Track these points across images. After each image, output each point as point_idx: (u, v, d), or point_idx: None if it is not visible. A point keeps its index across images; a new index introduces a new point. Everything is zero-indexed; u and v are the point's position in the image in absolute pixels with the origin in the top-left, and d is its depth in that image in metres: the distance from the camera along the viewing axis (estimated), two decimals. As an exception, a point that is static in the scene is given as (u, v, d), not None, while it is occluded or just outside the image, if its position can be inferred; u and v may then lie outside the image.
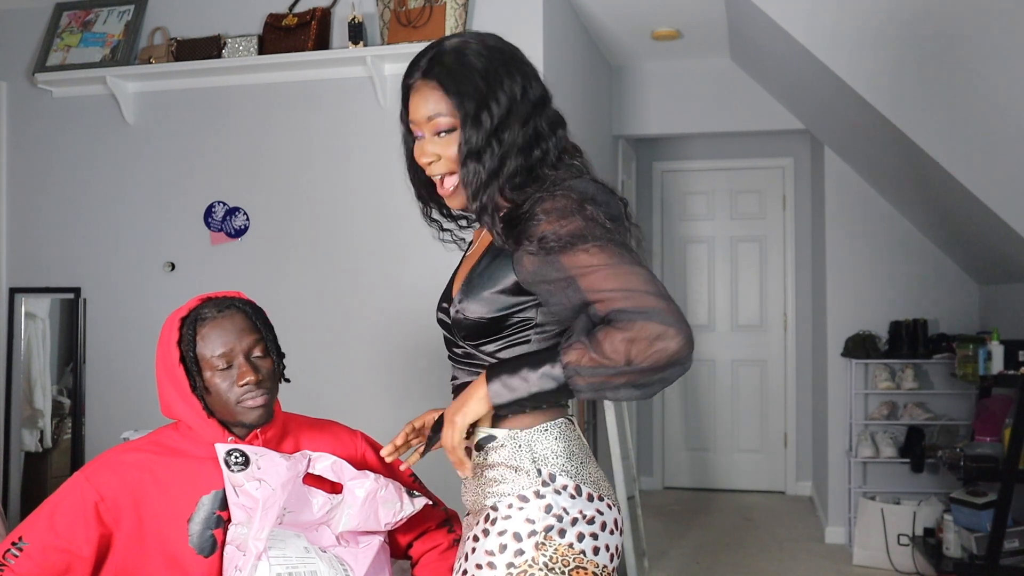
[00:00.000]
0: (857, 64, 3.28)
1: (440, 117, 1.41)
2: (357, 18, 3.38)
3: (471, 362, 1.47)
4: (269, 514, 1.64)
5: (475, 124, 1.39)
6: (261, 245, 3.59)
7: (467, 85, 1.39)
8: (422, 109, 1.43)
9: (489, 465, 1.42)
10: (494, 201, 1.40)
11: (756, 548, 4.72)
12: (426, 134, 1.44)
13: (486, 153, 1.40)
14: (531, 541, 1.34)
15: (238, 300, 1.72)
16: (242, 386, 1.63)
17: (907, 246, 4.70)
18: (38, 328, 3.83)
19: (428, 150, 1.44)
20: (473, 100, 1.39)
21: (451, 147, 1.42)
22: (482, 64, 1.42)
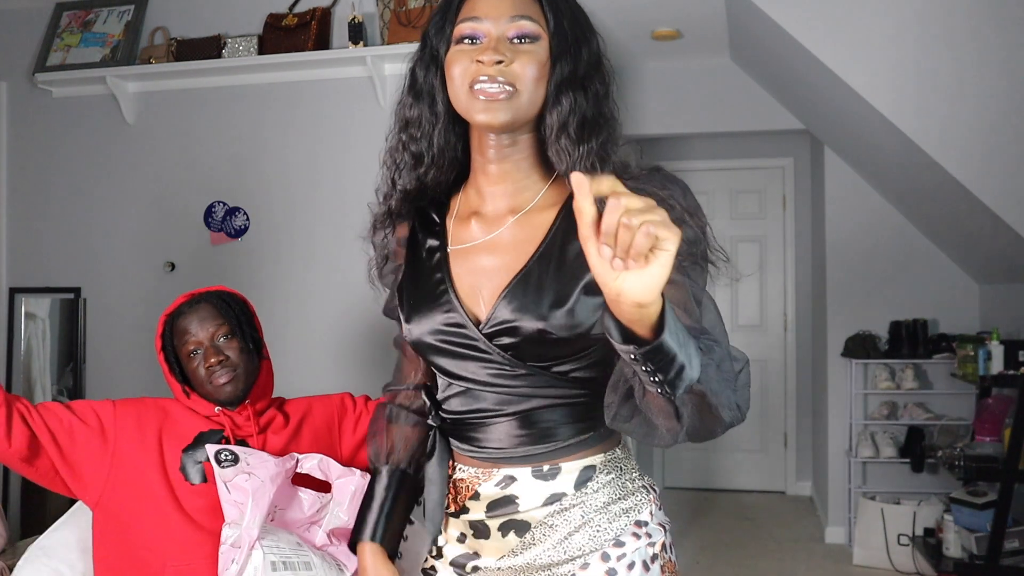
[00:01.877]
0: (857, 64, 3.27)
1: (528, 20, 1.16)
2: (357, 18, 3.38)
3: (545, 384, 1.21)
4: (260, 504, 1.70)
5: (576, 51, 1.18)
6: (261, 245, 3.59)
7: (566, 9, 1.19)
8: (503, 3, 1.16)
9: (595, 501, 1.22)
10: (600, 148, 1.17)
11: (756, 548, 4.72)
12: (493, 35, 1.16)
13: (590, 89, 1.18)
14: (656, 566, 1.21)
15: (213, 293, 1.94)
16: (208, 367, 1.86)
17: (907, 246, 4.69)
18: (38, 328, 3.83)
19: (500, 48, 1.14)
20: (571, 25, 1.19)
21: (530, 60, 1.15)
22: (579, 5, 1.23)
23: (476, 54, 1.15)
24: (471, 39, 1.17)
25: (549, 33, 1.17)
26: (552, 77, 1.16)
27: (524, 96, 1.15)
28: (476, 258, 1.24)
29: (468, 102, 1.16)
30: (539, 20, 1.17)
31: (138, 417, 1.86)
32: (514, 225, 1.22)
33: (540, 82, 1.16)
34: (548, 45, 1.17)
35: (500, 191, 1.24)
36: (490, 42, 1.15)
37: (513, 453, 1.21)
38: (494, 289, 1.20)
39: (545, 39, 1.16)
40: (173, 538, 1.78)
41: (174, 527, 1.79)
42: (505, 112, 1.14)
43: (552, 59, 1.16)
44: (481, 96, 1.14)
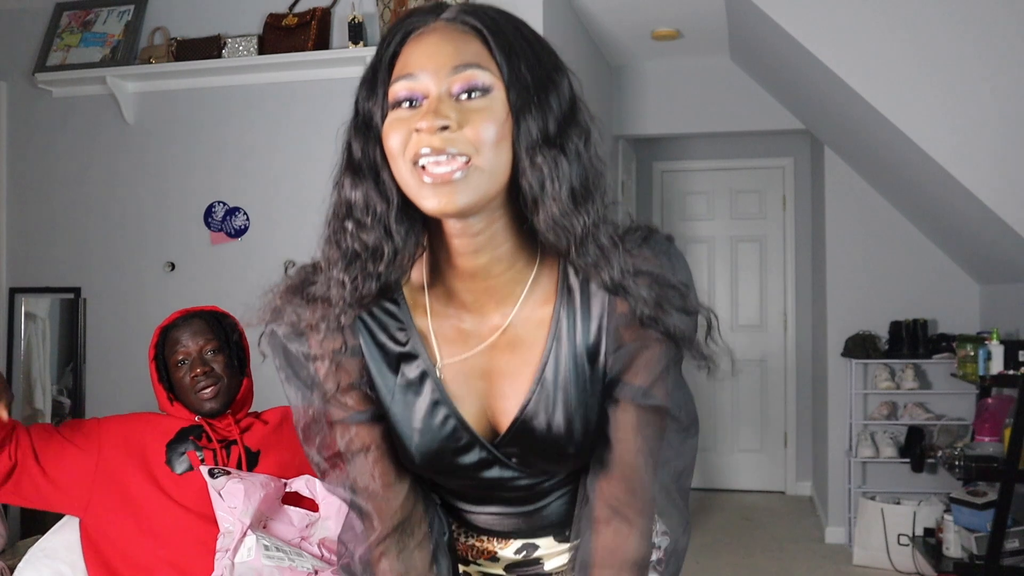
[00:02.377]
0: (857, 64, 3.27)
1: (476, 68, 0.92)
2: (357, 18, 3.38)
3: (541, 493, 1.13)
4: (252, 498, 1.77)
5: (542, 99, 0.95)
6: (261, 245, 3.58)
7: (521, 45, 0.96)
8: (441, 52, 0.93)
9: None
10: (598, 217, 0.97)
11: (756, 548, 4.72)
12: (433, 94, 0.92)
13: (569, 145, 0.96)
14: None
15: (207, 311, 2.07)
16: (193, 377, 1.97)
17: (907, 246, 4.70)
18: (38, 328, 3.83)
19: (442, 110, 0.91)
20: (532, 70, 0.95)
21: (484, 117, 0.92)
22: (536, 38, 0.99)
23: (415, 120, 0.92)
24: (408, 101, 0.94)
25: (504, 81, 0.93)
26: (519, 136, 0.93)
27: (484, 166, 0.91)
28: (473, 371, 1.05)
29: (414, 184, 0.93)
30: (489, 66, 0.93)
31: (122, 425, 1.98)
32: (512, 330, 1.04)
33: (502, 144, 0.92)
34: (505, 96, 0.93)
35: (480, 287, 1.02)
36: (430, 103, 0.92)
37: (530, 529, 1.16)
38: (507, 412, 1.05)
39: (500, 89, 0.93)
40: (163, 526, 1.86)
41: (163, 516, 1.87)
42: (463, 194, 0.91)
43: (513, 113, 0.93)
44: (427, 177, 0.91)
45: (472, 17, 0.96)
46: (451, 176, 0.90)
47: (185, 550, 1.83)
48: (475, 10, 0.97)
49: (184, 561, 1.82)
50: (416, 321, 1.05)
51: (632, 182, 5.69)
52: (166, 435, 1.96)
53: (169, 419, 2.00)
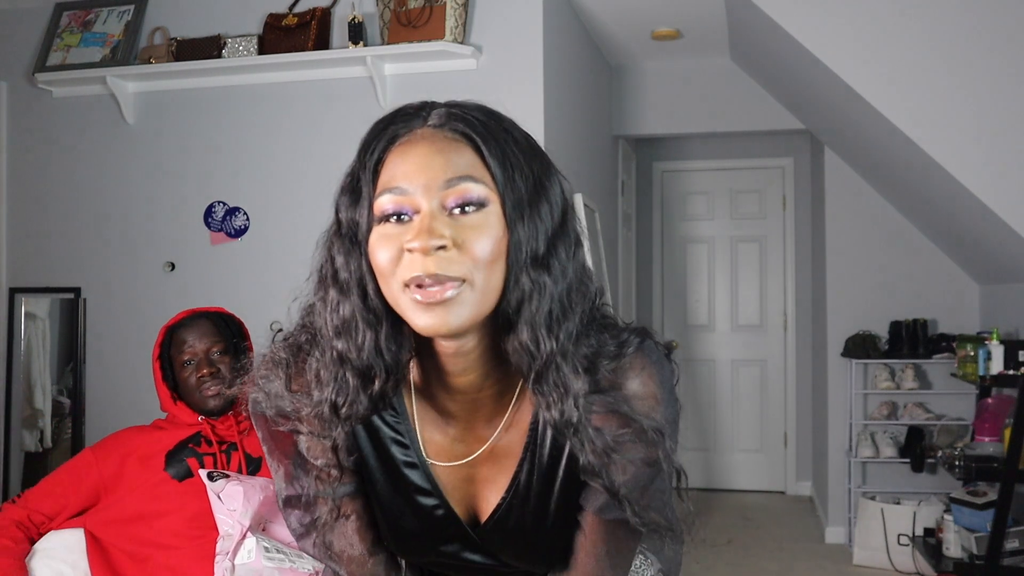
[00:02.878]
0: (857, 63, 3.27)
1: (470, 181, 0.87)
2: (357, 18, 3.38)
3: None
4: (251, 500, 1.78)
5: (534, 212, 0.90)
6: (261, 245, 3.58)
7: (515, 156, 0.91)
8: (432, 163, 0.87)
9: None
10: (573, 338, 0.92)
11: (756, 548, 4.72)
12: (424, 209, 0.87)
13: (554, 261, 0.91)
14: None
15: (213, 312, 2.09)
16: (199, 377, 1.99)
17: (907, 246, 4.70)
18: (38, 328, 3.83)
19: (436, 229, 0.85)
20: (524, 179, 0.90)
21: (480, 234, 0.87)
22: (527, 139, 0.95)
23: (405, 237, 0.86)
24: (397, 216, 0.88)
25: (499, 193, 0.88)
26: (509, 251, 0.88)
27: (479, 286, 0.87)
28: (458, 479, 1.05)
29: (405, 304, 0.88)
30: (483, 178, 0.88)
31: (117, 449, 1.98)
32: (499, 440, 1.03)
33: (498, 262, 0.88)
34: (500, 210, 0.88)
35: (469, 400, 1.00)
36: (423, 221, 0.86)
37: None
38: (485, 513, 1.06)
39: (495, 202, 0.88)
40: (165, 533, 1.87)
41: (165, 523, 1.88)
42: (456, 314, 0.86)
43: (508, 227, 0.88)
44: (418, 295, 0.86)
45: (461, 123, 0.90)
46: (442, 296, 0.85)
47: (187, 555, 1.83)
48: (464, 115, 0.91)
49: (185, 565, 1.83)
50: (408, 409, 1.03)
51: (632, 182, 5.69)
52: (165, 444, 1.97)
53: (168, 430, 2.01)
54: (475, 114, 0.92)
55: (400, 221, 0.88)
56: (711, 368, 6.08)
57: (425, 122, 0.91)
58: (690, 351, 6.04)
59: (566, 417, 0.92)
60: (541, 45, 3.37)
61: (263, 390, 1.00)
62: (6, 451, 3.78)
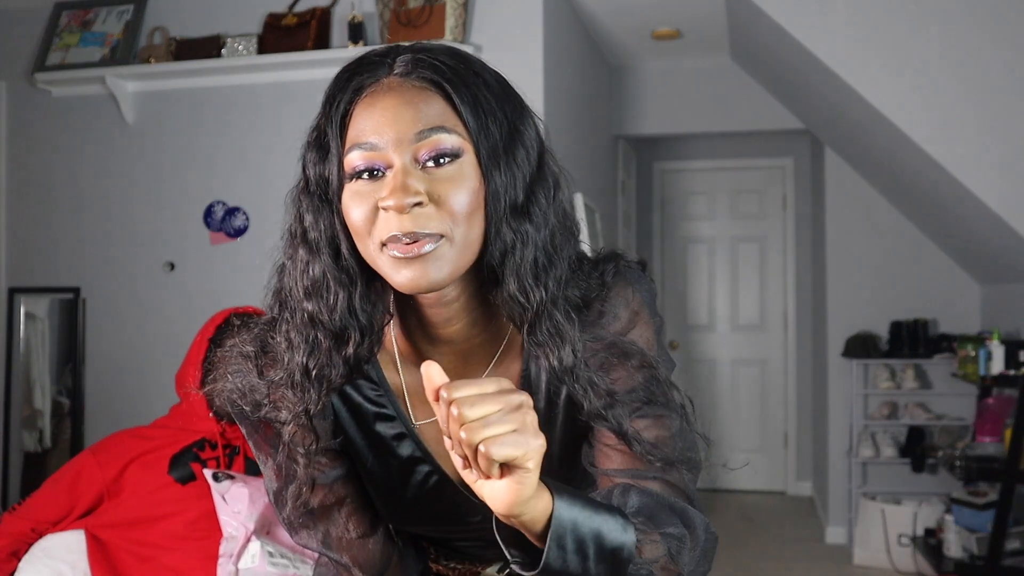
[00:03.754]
0: (857, 63, 3.27)
1: (443, 132, 0.84)
2: (357, 18, 3.37)
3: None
4: (256, 503, 1.78)
5: (510, 159, 0.87)
6: (261, 245, 3.58)
7: (487, 101, 0.87)
8: (402, 115, 0.84)
9: None
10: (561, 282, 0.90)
11: (756, 548, 4.72)
12: (397, 164, 0.84)
13: (535, 206, 0.89)
14: None
15: None
16: None
17: (907, 246, 4.69)
18: (37, 328, 3.83)
19: (410, 185, 0.83)
20: (499, 125, 0.87)
21: (455, 186, 0.84)
22: (498, 79, 0.92)
23: (379, 194, 0.83)
24: (368, 172, 0.85)
25: (473, 141, 0.85)
26: (487, 202, 0.86)
27: (457, 240, 0.84)
28: None
29: (383, 263, 0.85)
30: (456, 127, 0.85)
31: (119, 452, 1.96)
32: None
33: (476, 214, 0.85)
34: (475, 159, 0.85)
35: (454, 351, 0.96)
36: (396, 177, 0.83)
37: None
38: None
39: (470, 152, 0.85)
40: (168, 536, 1.87)
41: (167, 526, 1.87)
42: (436, 269, 0.84)
43: (483, 176, 0.85)
44: (396, 251, 0.83)
45: (429, 70, 0.86)
46: (420, 250, 0.83)
47: (189, 556, 1.83)
48: (431, 61, 0.86)
49: (188, 565, 1.82)
50: (389, 380, 0.99)
51: (632, 182, 5.69)
52: (169, 449, 1.95)
53: (171, 433, 1.99)
54: (443, 58, 0.87)
55: (372, 177, 0.85)
56: (711, 368, 6.07)
57: (391, 70, 0.87)
58: (690, 351, 6.04)
59: (565, 364, 0.90)
60: (541, 45, 3.36)
61: (236, 386, 0.96)
62: (5, 451, 3.78)
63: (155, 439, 1.98)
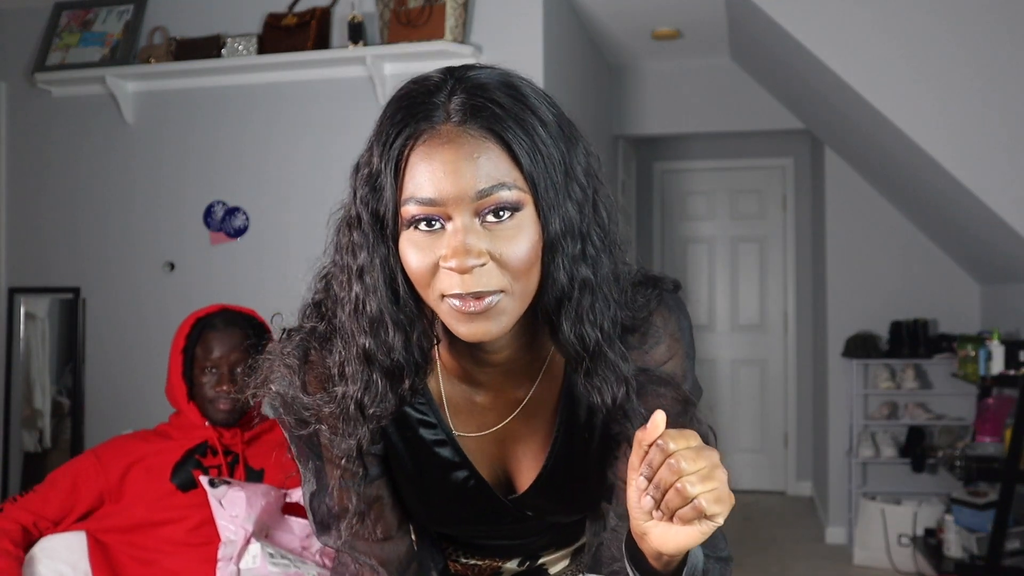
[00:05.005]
0: (857, 64, 3.27)
1: (503, 190, 0.83)
2: (357, 18, 3.37)
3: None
4: (254, 506, 1.78)
5: (564, 204, 0.87)
6: (261, 245, 3.58)
7: (542, 143, 0.85)
8: (462, 173, 0.82)
9: None
10: (616, 328, 0.92)
11: (756, 548, 4.72)
12: (458, 223, 0.83)
13: (589, 255, 0.89)
14: None
15: (245, 318, 2.01)
16: (216, 390, 1.94)
17: (907, 246, 4.69)
18: (37, 328, 3.83)
19: (471, 245, 0.82)
20: (554, 167, 0.86)
21: (516, 244, 0.84)
22: (552, 114, 0.88)
23: (438, 249, 0.84)
24: (426, 222, 0.84)
25: (532, 190, 0.84)
26: (544, 250, 0.86)
27: (518, 293, 0.85)
28: (488, 443, 1.03)
29: (442, 312, 0.86)
30: (516, 180, 0.83)
31: (122, 453, 1.95)
32: (529, 402, 1.01)
33: (535, 264, 0.86)
34: (534, 209, 0.85)
35: (499, 372, 0.99)
36: (457, 235, 0.82)
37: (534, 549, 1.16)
38: (523, 472, 1.04)
39: (529, 204, 0.84)
40: (169, 542, 1.86)
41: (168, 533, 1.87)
42: (497, 323, 0.85)
43: (542, 224, 0.85)
44: (457, 303, 0.84)
45: (488, 119, 0.83)
46: (483, 306, 0.83)
47: (191, 559, 1.83)
48: (487, 104, 0.84)
49: (190, 569, 1.83)
50: (432, 390, 1.01)
51: (632, 182, 5.68)
52: (172, 455, 1.95)
53: (174, 439, 1.98)
54: (499, 97, 0.85)
55: (431, 228, 0.84)
56: (711, 368, 6.07)
57: (448, 117, 0.84)
58: (690, 351, 6.04)
59: (619, 403, 0.93)
60: (541, 45, 3.36)
61: (280, 395, 0.97)
62: (5, 451, 3.78)
63: (157, 443, 1.97)
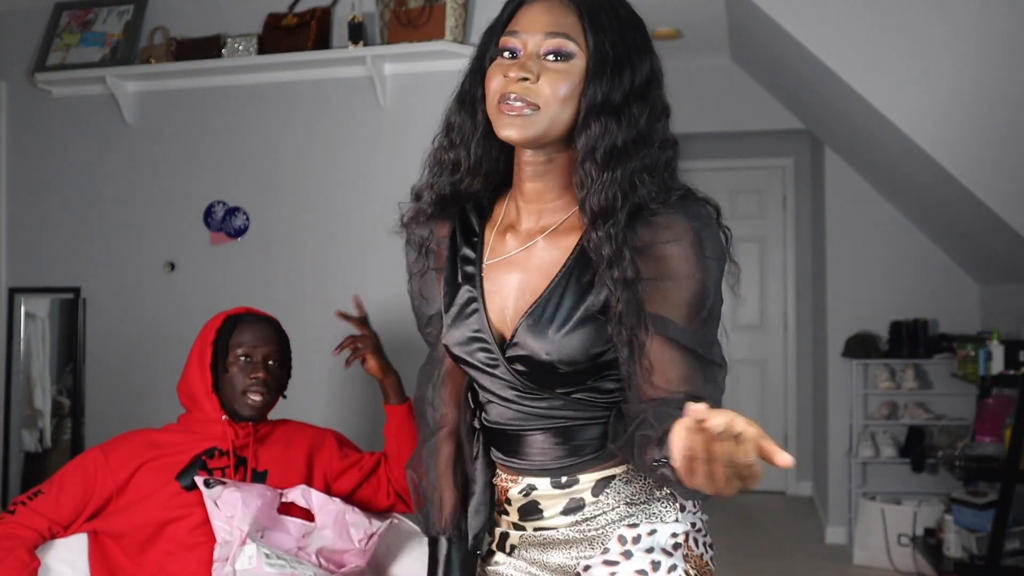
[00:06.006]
0: (857, 64, 3.27)
1: (563, 38, 1.15)
2: (357, 18, 3.38)
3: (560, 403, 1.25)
4: (249, 506, 1.79)
5: (615, 73, 1.15)
6: (261, 245, 3.58)
7: (611, 26, 1.16)
8: (542, 20, 1.16)
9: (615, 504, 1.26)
10: (627, 178, 1.14)
11: (756, 548, 4.72)
12: (528, 50, 1.16)
13: (624, 115, 1.15)
14: (679, 554, 1.25)
15: (273, 321, 2.09)
16: (250, 378, 1.95)
17: (907, 246, 4.69)
18: (38, 328, 3.83)
19: (528, 65, 1.14)
20: (614, 45, 1.15)
21: (558, 78, 1.14)
22: (632, 22, 1.19)
23: (508, 68, 1.16)
24: (511, 52, 1.17)
25: (587, 52, 1.15)
26: (585, 98, 1.14)
27: (546, 115, 1.14)
28: (505, 276, 1.25)
29: (495, 115, 1.17)
30: (577, 38, 1.15)
31: (131, 454, 1.94)
32: (542, 244, 1.24)
33: (568, 102, 1.15)
34: (584, 65, 1.15)
35: (534, 209, 1.25)
36: (523, 58, 1.16)
37: (532, 465, 1.27)
38: (517, 312, 1.23)
39: (582, 58, 1.15)
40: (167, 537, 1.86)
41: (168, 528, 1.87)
42: (524, 128, 1.14)
43: (587, 80, 1.14)
44: (505, 111, 1.15)
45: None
46: (521, 111, 1.14)
47: (190, 560, 1.82)
48: None
49: (188, 570, 1.82)
50: (488, 230, 1.30)
51: (632, 182, 5.68)
52: (180, 456, 1.93)
53: (182, 439, 1.96)
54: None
55: (512, 57, 1.17)
56: (711, 368, 6.07)
57: None
58: (690, 351, 6.04)
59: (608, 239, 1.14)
60: (541, 45, 3.37)
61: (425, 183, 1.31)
62: (6, 451, 3.78)
63: (165, 446, 1.95)
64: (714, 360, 1.15)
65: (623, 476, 1.25)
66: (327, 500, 1.93)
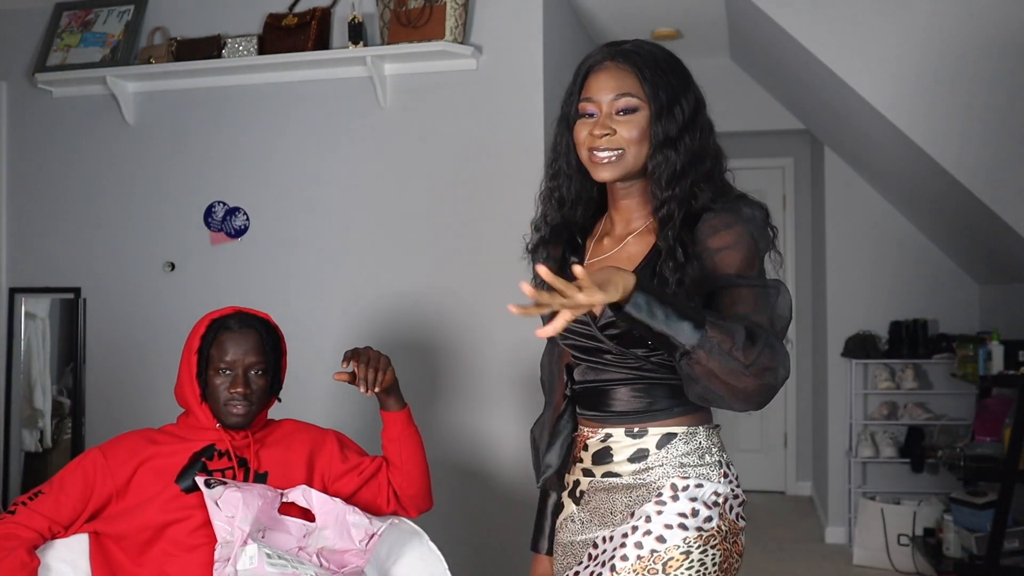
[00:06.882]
0: (857, 64, 3.28)
1: (629, 97, 1.50)
2: (357, 18, 3.38)
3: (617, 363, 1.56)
4: (250, 506, 1.79)
5: (670, 114, 1.50)
6: (261, 245, 3.58)
7: (661, 78, 1.52)
8: (609, 85, 1.51)
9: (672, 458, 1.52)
10: (686, 191, 1.49)
11: (756, 548, 4.72)
12: (603, 111, 1.52)
13: (680, 144, 1.50)
14: (717, 510, 1.49)
15: (262, 322, 2.03)
16: (230, 392, 1.94)
17: (907, 246, 4.70)
18: (38, 328, 3.83)
19: (607, 124, 1.50)
20: (666, 92, 1.51)
21: (631, 127, 1.50)
22: (674, 67, 1.56)
23: (591, 127, 1.52)
24: (589, 114, 1.53)
25: (648, 104, 1.50)
26: (652, 138, 1.50)
27: (629, 156, 1.51)
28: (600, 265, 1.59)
29: (589, 164, 1.55)
30: (638, 94, 1.51)
31: (130, 453, 1.94)
32: (631, 242, 1.59)
33: (643, 143, 1.51)
34: (648, 113, 1.51)
35: (624, 217, 1.61)
36: (601, 118, 1.52)
37: (613, 414, 1.56)
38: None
39: (645, 108, 1.51)
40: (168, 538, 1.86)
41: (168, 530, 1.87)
42: (612, 170, 1.52)
43: (651, 123, 1.50)
44: (595, 160, 1.52)
45: (630, 60, 1.52)
46: (609, 160, 1.51)
47: (191, 561, 1.83)
48: (632, 52, 1.53)
49: (188, 571, 1.82)
50: (589, 241, 1.66)
51: (632, 182, 5.68)
52: (180, 457, 1.94)
53: (183, 440, 1.97)
54: (641, 52, 1.53)
55: (590, 116, 1.54)
56: (711, 368, 6.07)
57: (612, 57, 1.54)
58: (690, 351, 6.03)
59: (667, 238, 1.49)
60: (541, 45, 3.37)
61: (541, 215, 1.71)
62: (6, 451, 3.78)
63: (165, 444, 1.96)
64: (768, 287, 1.49)
65: (683, 436, 1.53)
66: (328, 500, 1.93)
